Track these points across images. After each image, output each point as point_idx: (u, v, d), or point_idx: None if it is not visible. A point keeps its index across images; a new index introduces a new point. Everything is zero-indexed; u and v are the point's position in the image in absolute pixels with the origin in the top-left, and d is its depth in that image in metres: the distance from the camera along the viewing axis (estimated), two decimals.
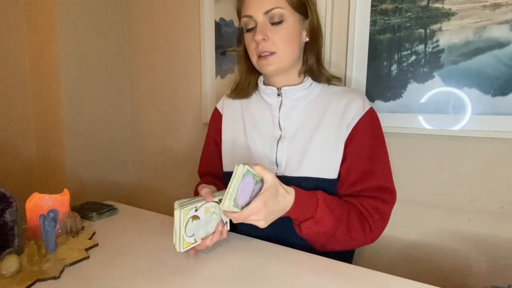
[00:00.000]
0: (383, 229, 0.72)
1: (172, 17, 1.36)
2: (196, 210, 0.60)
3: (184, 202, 0.60)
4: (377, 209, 0.70)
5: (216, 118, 0.90)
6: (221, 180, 0.87)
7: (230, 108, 0.87)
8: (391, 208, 0.73)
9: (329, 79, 0.80)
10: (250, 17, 0.72)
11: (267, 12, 0.70)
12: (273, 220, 0.62)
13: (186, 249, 0.59)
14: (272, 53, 0.72)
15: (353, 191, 0.72)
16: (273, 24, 0.71)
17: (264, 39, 0.71)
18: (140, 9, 1.47)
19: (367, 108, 0.74)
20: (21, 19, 1.33)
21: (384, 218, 0.72)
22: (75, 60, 1.33)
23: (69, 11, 1.29)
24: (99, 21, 1.40)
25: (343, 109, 0.74)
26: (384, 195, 0.71)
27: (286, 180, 0.73)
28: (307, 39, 0.77)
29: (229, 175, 0.83)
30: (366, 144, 0.73)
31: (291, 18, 0.71)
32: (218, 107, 0.91)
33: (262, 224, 0.59)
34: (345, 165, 0.72)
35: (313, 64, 0.77)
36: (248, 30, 0.75)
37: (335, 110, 0.75)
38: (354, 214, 0.68)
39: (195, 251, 0.64)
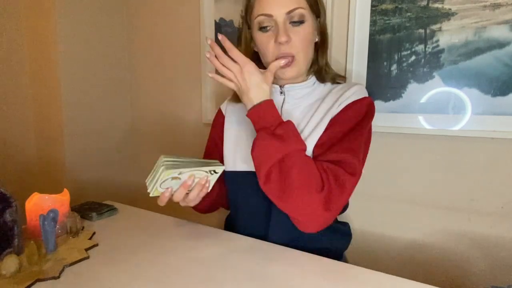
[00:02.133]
0: (342, 201, 0.63)
1: (172, 17, 1.36)
2: (179, 174, 0.61)
3: (170, 161, 0.60)
4: (337, 176, 0.62)
5: (219, 119, 0.90)
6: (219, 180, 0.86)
7: (233, 109, 0.87)
8: (352, 183, 0.64)
9: (334, 78, 0.79)
10: (269, 16, 0.68)
11: (289, 12, 0.67)
12: (241, 88, 0.66)
13: (156, 195, 0.63)
14: (292, 58, 0.70)
15: (317, 155, 0.67)
16: (293, 24, 0.68)
17: (287, 41, 0.68)
18: (140, 9, 1.47)
19: (363, 95, 0.72)
20: (21, 19, 1.33)
21: (342, 187, 0.62)
22: (75, 60, 1.33)
23: (69, 11, 1.29)
24: (99, 21, 1.40)
25: (339, 96, 0.72)
26: (346, 167, 0.63)
27: None
28: (317, 40, 0.76)
29: (230, 175, 0.82)
30: (346, 124, 0.68)
31: (309, 18, 0.70)
32: (221, 108, 0.90)
33: (232, 85, 0.65)
34: (319, 141, 0.69)
35: (324, 66, 0.76)
36: (262, 29, 0.71)
37: (332, 98, 0.73)
38: (315, 167, 0.62)
39: (166, 200, 0.65)
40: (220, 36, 0.67)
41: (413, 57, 0.87)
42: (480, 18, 0.78)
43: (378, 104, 0.92)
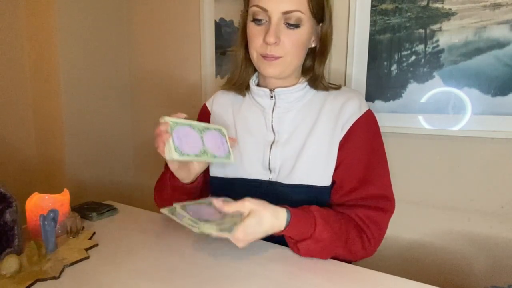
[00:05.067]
0: (381, 240, 0.69)
1: (172, 17, 1.36)
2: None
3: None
4: (374, 220, 0.66)
5: (204, 115, 0.85)
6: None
7: (220, 108, 0.82)
8: (389, 218, 0.69)
9: (327, 88, 0.74)
10: (264, 10, 0.64)
11: (286, 13, 0.63)
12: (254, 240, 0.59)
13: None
14: (278, 57, 0.66)
15: (348, 200, 0.68)
16: (288, 26, 0.65)
17: (275, 43, 0.65)
18: (140, 9, 1.47)
19: (364, 109, 0.70)
20: (21, 19, 1.33)
21: (381, 229, 0.68)
22: (75, 59, 1.33)
23: (69, 11, 1.29)
24: (99, 21, 1.40)
25: (339, 110, 0.70)
26: (381, 203, 0.67)
27: (279, 187, 0.70)
28: (313, 45, 0.72)
29: (216, 180, 0.77)
30: (363, 148, 0.68)
31: (307, 23, 0.66)
32: (207, 105, 0.85)
33: (240, 245, 0.57)
34: (339, 172, 0.68)
35: (320, 75, 0.73)
36: (256, 21, 0.67)
37: (330, 110, 0.70)
38: (352, 228, 0.65)
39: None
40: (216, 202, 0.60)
41: (413, 57, 0.87)
42: (480, 18, 0.78)
43: (378, 104, 0.92)
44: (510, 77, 0.76)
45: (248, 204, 0.57)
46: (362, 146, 0.69)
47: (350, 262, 0.77)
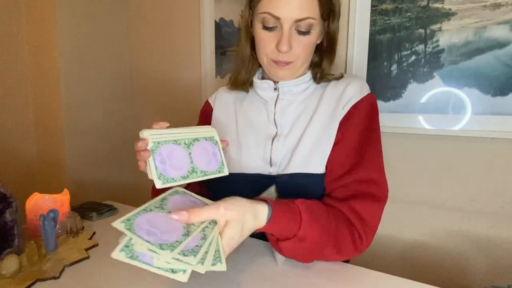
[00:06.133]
0: (373, 236, 0.64)
1: (172, 17, 1.36)
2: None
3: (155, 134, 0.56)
4: (367, 210, 0.62)
5: (206, 111, 0.85)
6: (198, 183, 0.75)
7: (222, 104, 0.82)
8: (382, 208, 0.64)
9: (329, 80, 0.75)
10: (276, 18, 0.64)
11: (298, 20, 0.63)
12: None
13: None
14: (289, 62, 0.67)
15: (339, 185, 0.65)
16: (299, 33, 0.65)
17: (287, 51, 0.65)
18: (140, 9, 1.47)
19: (365, 92, 0.70)
20: (21, 19, 1.33)
21: (374, 220, 0.63)
22: (75, 60, 1.33)
23: (70, 11, 1.29)
24: (99, 21, 1.40)
25: (341, 93, 0.70)
26: (373, 189, 0.64)
27: (277, 179, 0.69)
28: (319, 41, 0.73)
29: (218, 178, 0.72)
30: (358, 130, 0.67)
31: (317, 27, 0.66)
32: (209, 101, 0.86)
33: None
34: (333, 152, 0.67)
35: (328, 72, 0.73)
36: (266, 28, 0.67)
37: (331, 95, 0.71)
38: (342, 224, 0.60)
39: None
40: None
41: (413, 57, 0.87)
42: (480, 18, 0.78)
43: (378, 104, 0.92)
44: (510, 77, 0.76)
45: (223, 212, 0.47)
46: (358, 128, 0.67)
47: (347, 261, 0.77)
